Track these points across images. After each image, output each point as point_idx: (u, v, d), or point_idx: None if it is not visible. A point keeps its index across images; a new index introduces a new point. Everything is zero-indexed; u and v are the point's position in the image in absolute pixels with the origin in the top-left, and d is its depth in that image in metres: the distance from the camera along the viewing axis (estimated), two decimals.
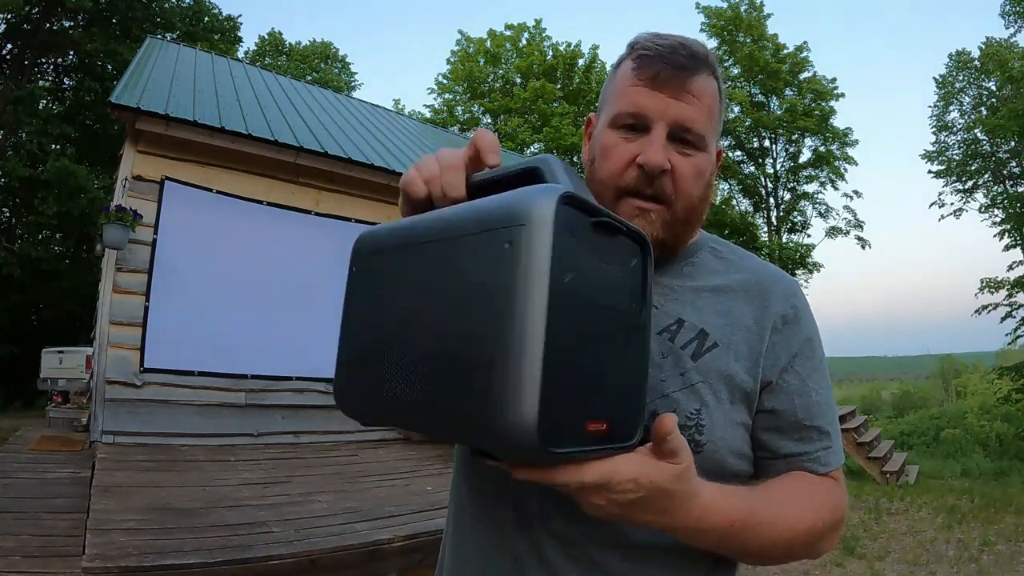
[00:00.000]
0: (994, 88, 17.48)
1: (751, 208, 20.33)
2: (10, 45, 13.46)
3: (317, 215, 5.86)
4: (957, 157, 18.66)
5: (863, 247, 19.35)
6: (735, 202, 20.10)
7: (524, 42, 22.63)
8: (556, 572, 0.66)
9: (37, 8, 12.93)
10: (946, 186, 18.79)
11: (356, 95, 21.26)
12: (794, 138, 19.52)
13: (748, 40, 19.21)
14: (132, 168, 5.02)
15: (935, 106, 19.37)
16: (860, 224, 19.31)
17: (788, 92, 19.37)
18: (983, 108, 18.10)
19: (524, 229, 0.40)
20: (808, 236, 20.33)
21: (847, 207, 20.38)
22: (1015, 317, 14.86)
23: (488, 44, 22.62)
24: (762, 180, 20.02)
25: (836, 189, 19.70)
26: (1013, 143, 16.26)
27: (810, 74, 19.31)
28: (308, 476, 4.14)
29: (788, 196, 20.06)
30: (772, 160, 20.08)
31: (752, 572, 3.47)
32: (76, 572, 2.35)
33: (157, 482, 3.60)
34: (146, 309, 4.89)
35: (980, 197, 18.13)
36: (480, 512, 0.73)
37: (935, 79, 19.27)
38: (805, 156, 19.76)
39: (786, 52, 19.27)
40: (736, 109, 18.91)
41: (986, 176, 18.21)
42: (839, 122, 19.32)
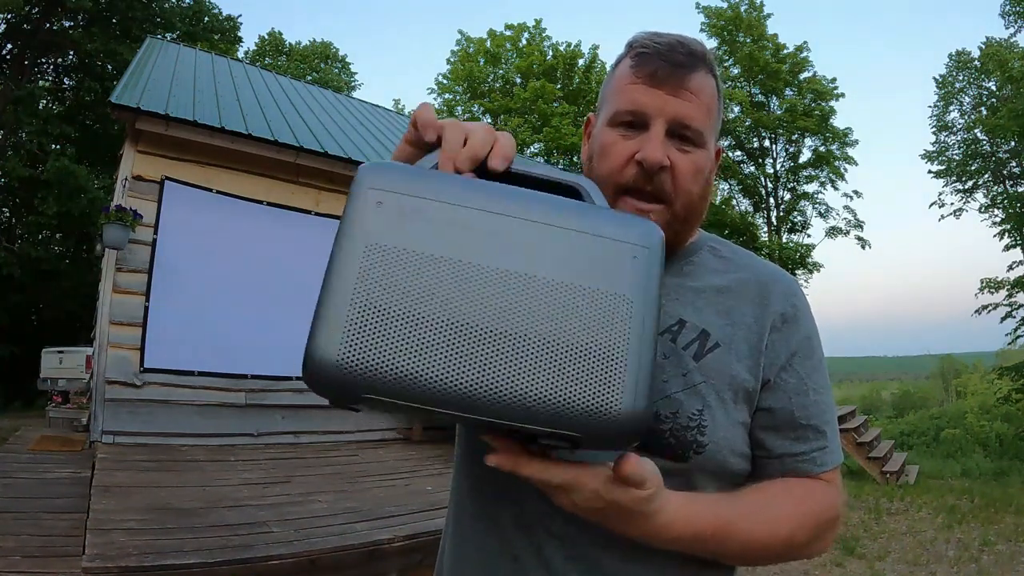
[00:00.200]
0: (994, 88, 17.48)
1: (751, 208, 20.30)
2: (10, 45, 13.46)
3: (317, 215, 5.86)
4: (957, 157, 18.65)
5: (863, 247, 19.32)
6: (735, 202, 20.07)
7: (524, 42, 22.60)
8: (556, 572, 0.65)
9: (37, 8, 12.94)
10: (946, 186, 18.79)
11: (356, 95, 21.27)
12: (794, 138, 19.49)
13: (748, 40, 19.18)
14: (132, 168, 5.03)
15: (935, 106, 19.38)
16: (860, 224, 19.28)
17: (788, 92, 19.34)
18: (983, 108, 18.09)
19: (648, 252, 0.51)
20: (808, 236, 20.27)
21: (847, 207, 20.30)
22: (1015, 317, 14.87)
23: (488, 44, 22.59)
24: (762, 180, 19.99)
25: (836, 189, 19.67)
26: (1013, 143, 16.25)
27: (810, 74, 19.27)
28: (308, 476, 4.14)
29: (788, 196, 20.02)
30: (772, 160, 20.05)
31: (752, 572, 3.47)
32: (76, 572, 2.35)
33: (157, 482, 3.61)
34: (146, 309, 4.90)
35: (980, 197, 18.14)
36: (480, 512, 0.73)
37: (935, 79, 19.29)
38: (805, 156, 19.73)
39: (786, 52, 19.23)
40: (736, 109, 18.88)
41: (986, 176, 18.20)
42: (839, 122, 19.30)
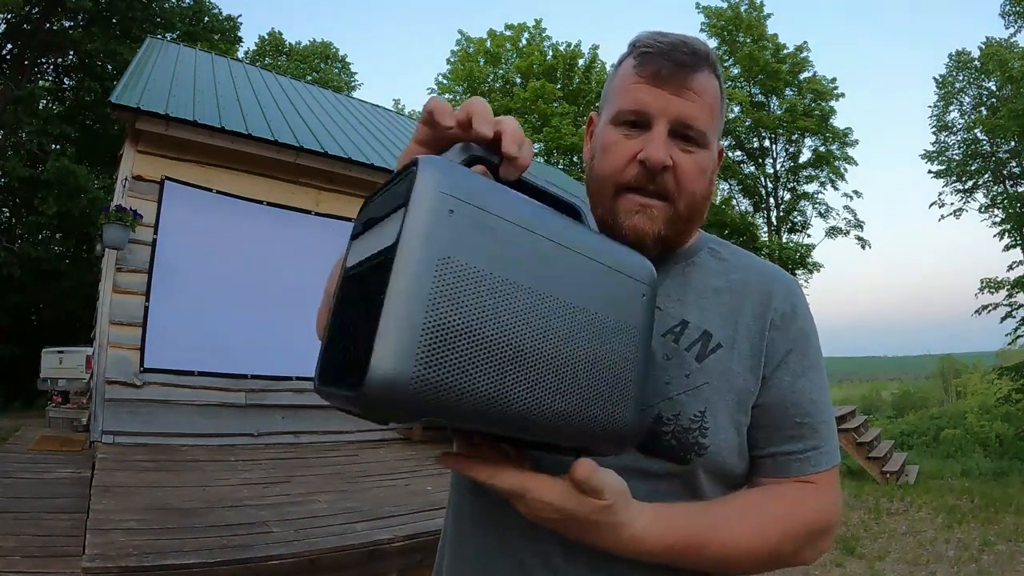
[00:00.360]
0: (994, 88, 17.48)
1: (751, 208, 20.31)
2: (10, 45, 13.45)
3: (317, 215, 5.85)
4: (957, 157, 18.65)
5: (863, 247, 19.36)
6: (735, 202, 20.09)
7: (524, 42, 22.62)
8: None
9: (37, 8, 12.93)
10: (946, 186, 18.80)
11: (356, 95, 21.29)
12: (794, 138, 19.50)
13: (748, 40, 19.19)
14: (132, 168, 5.02)
15: (935, 106, 19.38)
16: (860, 224, 19.31)
17: (788, 92, 19.36)
18: (983, 108, 18.08)
19: (651, 290, 0.59)
20: (808, 236, 20.35)
21: (847, 207, 20.41)
22: (1015, 317, 14.85)
23: (488, 44, 22.61)
24: (762, 180, 20.00)
25: (836, 189, 19.71)
26: (1013, 143, 16.25)
27: (810, 74, 19.30)
28: (308, 476, 4.13)
29: (788, 196, 20.05)
30: (772, 160, 20.08)
31: None
32: (76, 572, 2.35)
33: (157, 482, 3.60)
34: (146, 309, 4.89)
35: (980, 197, 18.14)
36: (482, 514, 0.72)
37: (935, 79, 19.28)
38: (805, 156, 19.76)
39: (786, 52, 19.25)
40: (736, 109, 18.88)
41: (986, 176, 18.19)
42: (839, 122, 19.34)
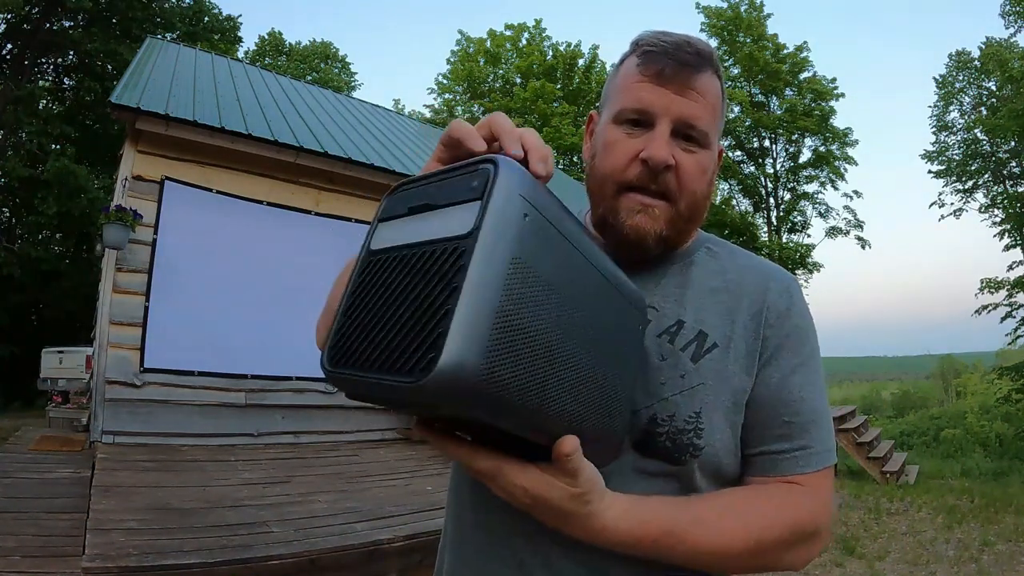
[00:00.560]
0: (994, 88, 17.49)
1: (751, 208, 20.31)
2: (10, 45, 13.46)
3: (317, 215, 5.85)
4: (957, 157, 18.65)
5: (863, 247, 19.36)
6: (735, 202, 20.09)
7: (524, 42, 22.62)
8: None
9: (37, 8, 12.93)
10: (946, 186, 18.80)
11: (356, 95, 21.28)
12: (794, 138, 19.50)
13: (748, 40, 19.19)
14: (132, 168, 5.02)
15: (935, 106, 19.40)
16: (860, 224, 19.31)
17: (788, 92, 19.36)
18: (983, 108, 18.09)
19: (646, 323, 0.66)
20: (808, 236, 20.34)
21: (847, 207, 20.40)
22: (1015, 317, 14.88)
23: (488, 44, 22.61)
24: (762, 180, 20.00)
25: (836, 189, 19.71)
26: (1013, 143, 16.26)
27: (810, 74, 19.30)
28: (308, 476, 4.13)
29: (788, 196, 20.04)
30: (772, 160, 20.08)
31: None
32: (76, 572, 2.34)
33: (157, 482, 3.60)
34: (146, 309, 4.89)
35: (980, 197, 18.15)
36: (482, 515, 0.72)
37: (935, 79, 19.29)
38: (805, 156, 19.76)
39: (786, 52, 19.25)
40: (736, 109, 18.88)
41: (986, 176, 18.20)
42: (839, 122, 19.34)
